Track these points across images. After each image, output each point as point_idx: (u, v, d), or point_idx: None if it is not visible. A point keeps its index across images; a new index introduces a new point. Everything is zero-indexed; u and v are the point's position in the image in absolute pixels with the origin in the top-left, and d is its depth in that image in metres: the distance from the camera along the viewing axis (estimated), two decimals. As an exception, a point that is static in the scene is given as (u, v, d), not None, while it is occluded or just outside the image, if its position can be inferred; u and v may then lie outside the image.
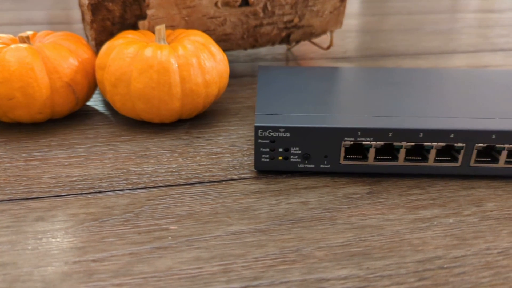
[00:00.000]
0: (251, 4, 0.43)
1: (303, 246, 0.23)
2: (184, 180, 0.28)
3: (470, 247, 0.23)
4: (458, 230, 0.24)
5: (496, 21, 0.75)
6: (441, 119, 0.28)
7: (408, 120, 0.28)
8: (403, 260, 0.22)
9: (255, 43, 0.47)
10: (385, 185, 0.28)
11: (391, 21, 0.75)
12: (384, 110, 0.29)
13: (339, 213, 0.26)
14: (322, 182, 0.28)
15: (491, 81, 0.35)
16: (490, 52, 0.57)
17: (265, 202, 0.26)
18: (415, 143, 0.28)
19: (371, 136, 0.28)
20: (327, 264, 0.22)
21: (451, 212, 0.26)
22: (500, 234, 0.24)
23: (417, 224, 0.25)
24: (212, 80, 0.34)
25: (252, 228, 0.24)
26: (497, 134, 0.27)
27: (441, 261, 0.22)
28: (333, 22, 0.49)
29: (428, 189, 0.28)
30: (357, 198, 0.27)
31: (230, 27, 0.44)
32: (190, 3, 0.40)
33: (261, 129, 0.28)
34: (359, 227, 0.24)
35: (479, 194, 0.27)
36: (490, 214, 0.26)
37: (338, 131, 0.27)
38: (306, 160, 0.29)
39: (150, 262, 0.22)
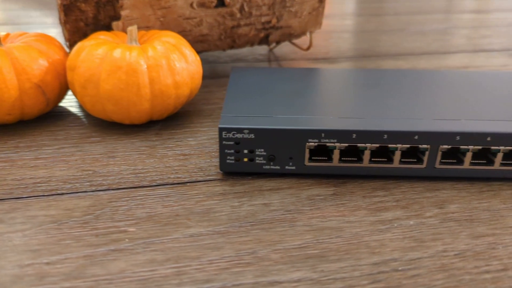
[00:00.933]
0: (227, 5, 0.43)
1: (260, 248, 0.23)
2: (148, 182, 0.28)
3: (427, 249, 0.23)
4: (417, 232, 0.24)
5: (481, 22, 0.75)
6: (406, 121, 0.28)
7: (372, 122, 0.28)
8: (358, 262, 0.22)
9: (233, 44, 0.47)
10: (350, 186, 0.28)
11: (377, 21, 0.75)
12: (351, 111, 0.29)
13: (300, 214, 0.25)
14: (287, 184, 0.28)
15: (462, 82, 0.35)
16: (471, 53, 0.57)
17: (227, 204, 0.26)
18: (379, 144, 0.28)
19: (335, 138, 0.27)
20: (282, 266, 0.22)
21: (413, 214, 0.26)
22: (459, 236, 0.24)
23: (377, 226, 0.25)
24: (183, 81, 0.34)
25: (211, 230, 0.24)
26: (461, 136, 0.27)
27: (397, 263, 0.22)
28: (312, 23, 0.49)
29: (393, 191, 0.28)
30: (320, 200, 0.27)
31: (206, 28, 0.44)
32: (165, 4, 0.40)
33: (225, 130, 0.28)
34: (319, 229, 0.24)
35: (443, 195, 0.27)
36: (451, 216, 0.26)
37: (302, 132, 0.27)
38: (271, 162, 0.28)
39: (103, 264, 0.22)
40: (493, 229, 0.25)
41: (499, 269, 0.22)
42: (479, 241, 0.24)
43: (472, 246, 0.23)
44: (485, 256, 0.23)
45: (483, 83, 0.35)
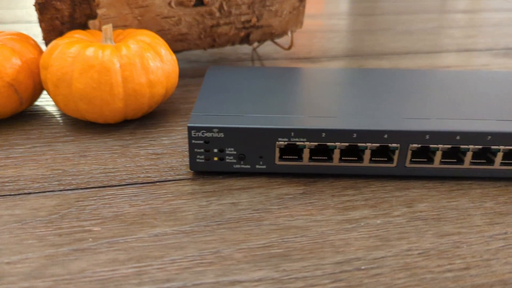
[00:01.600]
0: (206, 4, 0.43)
1: (224, 247, 0.23)
2: (117, 181, 0.28)
3: (391, 248, 0.23)
4: (383, 231, 0.24)
5: (468, 22, 0.76)
6: (377, 120, 0.28)
7: (343, 121, 0.28)
8: (321, 261, 0.22)
9: (214, 43, 0.47)
10: (320, 185, 0.28)
11: (364, 21, 0.75)
12: (322, 110, 0.29)
13: (267, 214, 0.25)
14: (257, 183, 0.28)
15: (436, 81, 0.35)
16: (454, 53, 0.57)
17: (195, 204, 0.26)
18: (349, 143, 0.28)
19: (305, 137, 0.27)
20: (244, 266, 0.22)
21: (381, 213, 0.26)
22: (424, 235, 0.24)
23: (344, 225, 0.25)
24: (157, 80, 0.34)
25: (176, 230, 0.24)
26: (431, 135, 0.27)
27: (360, 262, 0.22)
28: (293, 22, 0.49)
29: (363, 190, 0.28)
30: (289, 199, 0.27)
31: (185, 27, 0.43)
32: (142, 2, 0.40)
33: (194, 129, 0.27)
34: (285, 228, 0.24)
35: (412, 194, 0.27)
36: (419, 214, 0.26)
37: (271, 131, 0.27)
38: (242, 161, 0.28)
39: (64, 264, 0.22)
40: (459, 228, 0.24)
41: (462, 268, 0.22)
42: (444, 240, 0.24)
43: (437, 245, 0.23)
44: (448, 255, 0.22)
45: (457, 82, 0.35)
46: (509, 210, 0.26)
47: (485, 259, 0.22)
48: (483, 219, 0.25)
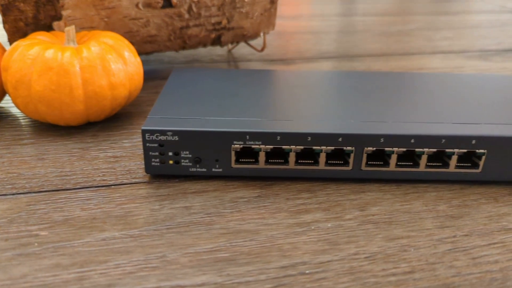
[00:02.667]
0: (175, 5, 0.42)
1: (170, 252, 0.23)
2: (72, 184, 0.28)
3: (339, 252, 0.23)
4: (333, 234, 0.24)
5: (446, 23, 0.76)
6: (332, 123, 0.28)
7: (297, 124, 0.28)
8: (266, 266, 0.22)
9: (184, 45, 0.47)
10: (276, 188, 0.28)
11: (343, 22, 0.76)
12: (280, 113, 0.29)
13: (219, 217, 0.25)
14: (213, 186, 0.28)
15: (400, 84, 0.35)
16: (429, 55, 0.57)
17: (148, 207, 0.26)
18: (304, 146, 0.28)
19: (260, 140, 0.27)
20: (188, 270, 0.22)
21: (333, 216, 0.26)
22: (374, 238, 0.24)
23: (294, 229, 0.25)
24: (119, 82, 0.34)
25: (125, 234, 0.24)
26: (385, 138, 0.27)
27: (305, 266, 0.22)
28: (265, 24, 0.49)
29: (318, 193, 0.28)
30: (243, 202, 0.27)
31: (154, 28, 0.43)
32: (109, 4, 0.40)
33: (148, 132, 0.27)
34: (235, 232, 0.24)
35: (367, 198, 0.27)
36: (371, 218, 0.26)
37: (227, 134, 0.27)
38: (198, 164, 0.28)
39: (6, 269, 0.21)
40: (409, 231, 0.25)
41: (406, 272, 0.22)
42: (392, 244, 0.24)
43: (384, 248, 0.23)
44: (395, 259, 0.23)
45: (419, 85, 0.35)
46: (461, 213, 0.26)
47: (430, 262, 0.22)
48: (434, 222, 0.25)
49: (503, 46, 0.62)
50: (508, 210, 0.26)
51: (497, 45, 0.63)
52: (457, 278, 0.21)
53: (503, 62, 0.55)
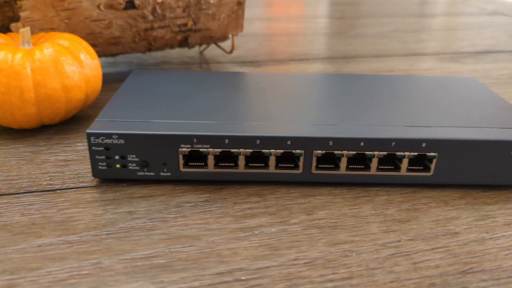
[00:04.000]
0: (138, 7, 0.42)
1: (106, 258, 0.22)
2: (16, 189, 0.27)
3: (278, 258, 0.22)
4: (276, 240, 0.24)
5: (424, 26, 0.76)
6: (282, 126, 0.28)
7: (247, 127, 0.27)
8: (202, 272, 0.21)
9: (150, 47, 0.46)
10: (226, 192, 0.28)
11: (320, 24, 0.75)
12: (231, 116, 0.29)
13: (162, 223, 0.25)
14: (161, 191, 0.28)
15: (357, 87, 0.35)
16: (402, 57, 0.57)
17: (90, 212, 0.25)
18: (252, 150, 0.27)
19: (208, 143, 0.27)
20: (121, 277, 0.21)
21: (279, 220, 0.25)
22: (316, 243, 0.24)
23: (237, 234, 0.24)
24: (74, 85, 0.33)
25: (62, 240, 0.23)
26: (334, 141, 0.27)
27: (242, 272, 0.22)
28: (233, 26, 0.49)
29: (267, 197, 0.27)
30: (189, 207, 0.26)
31: (117, 30, 0.43)
32: (68, 5, 0.39)
33: (94, 136, 0.27)
34: (175, 238, 0.24)
35: (316, 202, 0.27)
36: (317, 222, 0.25)
37: (173, 138, 0.27)
38: (145, 168, 0.28)
39: None
40: (353, 236, 0.24)
41: (344, 277, 0.21)
42: (334, 249, 0.23)
43: (325, 254, 0.23)
44: (334, 264, 0.22)
45: (377, 87, 0.35)
46: (410, 217, 0.26)
47: (370, 268, 0.22)
48: (380, 226, 0.25)
49: (476, 48, 0.62)
50: (456, 214, 0.26)
51: (471, 47, 0.63)
52: (395, 283, 0.21)
53: (474, 64, 0.55)
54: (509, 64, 0.55)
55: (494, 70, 0.53)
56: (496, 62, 0.56)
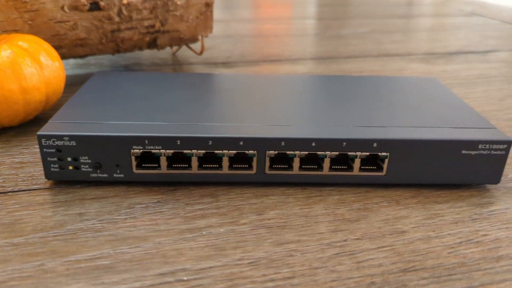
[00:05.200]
0: (103, 8, 0.42)
1: (50, 260, 0.22)
2: (-33, 191, 0.27)
3: (223, 258, 0.23)
4: (223, 240, 0.24)
5: (400, 27, 0.76)
6: (234, 126, 0.28)
7: (199, 128, 0.27)
8: (145, 273, 0.21)
9: (118, 48, 0.46)
10: (179, 194, 0.28)
11: (297, 26, 0.76)
12: (185, 116, 0.29)
13: (111, 224, 0.25)
14: (114, 192, 0.28)
15: (317, 87, 0.35)
16: (374, 57, 0.58)
17: (40, 214, 0.25)
18: (205, 150, 0.27)
19: (160, 144, 0.27)
20: (62, 279, 0.21)
21: (228, 221, 0.25)
22: (263, 243, 0.24)
23: (184, 234, 0.24)
24: (33, 86, 0.33)
25: (7, 243, 0.23)
26: (286, 142, 0.27)
27: (184, 273, 0.22)
28: (202, 27, 0.49)
29: (220, 198, 0.27)
30: (140, 208, 0.26)
31: (83, 31, 0.43)
32: (32, 6, 0.39)
33: (45, 137, 0.27)
34: (122, 239, 0.24)
35: (268, 202, 0.27)
36: (266, 222, 0.25)
37: (124, 139, 0.27)
38: (98, 170, 0.28)
39: None
40: (300, 235, 0.24)
41: (286, 277, 0.21)
42: (280, 249, 0.23)
43: (270, 253, 0.23)
44: (278, 264, 0.22)
45: (335, 87, 0.35)
46: (359, 217, 0.26)
47: (313, 267, 0.22)
48: (328, 226, 0.25)
49: (449, 49, 0.63)
50: (406, 213, 0.26)
51: (443, 48, 0.63)
52: (336, 282, 0.21)
53: (445, 65, 0.55)
54: (478, 65, 0.56)
55: (463, 70, 0.53)
56: (466, 63, 0.56)
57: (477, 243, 0.24)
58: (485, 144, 0.28)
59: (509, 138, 0.28)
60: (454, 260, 0.23)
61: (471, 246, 0.24)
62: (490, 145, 0.28)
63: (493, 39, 0.69)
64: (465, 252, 0.23)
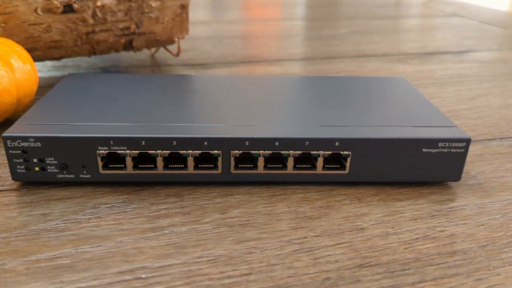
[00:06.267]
0: (77, 10, 0.42)
1: (11, 260, 0.22)
2: None
3: (183, 256, 0.23)
4: (184, 238, 0.24)
5: (380, 27, 0.77)
6: (199, 127, 0.28)
7: (164, 128, 0.28)
8: (104, 271, 0.22)
9: (94, 50, 0.46)
10: (145, 194, 0.28)
11: (279, 27, 0.76)
12: (151, 118, 0.29)
13: (74, 224, 0.25)
14: (80, 193, 0.28)
15: (286, 88, 0.35)
16: (351, 58, 0.58)
17: (4, 215, 0.26)
18: (170, 151, 0.28)
19: (125, 145, 0.27)
20: (21, 278, 0.21)
21: (191, 220, 0.26)
22: (223, 241, 0.24)
23: (147, 233, 0.25)
24: (3, 89, 0.33)
25: (-30, 243, 0.23)
26: (250, 141, 0.28)
27: (143, 271, 0.22)
28: (178, 29, 0.49)
29: (185, 197, 0.28)
30: (105, 208, 0.27)
31: (57, 34, 0.43)
32: (4, 9, 0.39)
33: (10, 139, 0.27)
34: (84, 238, 0.24)
35: (233, 201, 0.28)
36: (229, 221, 0.26)
37: (90, 140, 0.27)
38: (65, 171, 0.28)
39: None
40: (261, 233, 0.25)
41: (243, 274, 0.22)
42: (240, 246, 0.24)
43: (230, 251, 0.23)
44: (237, 261, 0.23)
45: (304, 88, 0.35)
46: (321, 214, 0.26)
47: (271, 264, 0.23)
48: (290, 224, 0.26)
49: (425, 49, 0.64)
50: (367, 210, 0.27)
51: (420, 48, 0.64)
52: (292, 278, 0.22)
53: (420, 65, 0.56)
54: (453, 65, 0.56)
55: (438, 70, 0.54)
56: (442, 63, 0.57)
57: (433, 238, 0.25)
58: (445, 142, 0.28)
59: (468, 136, 0.28)
60: (409, 255, 0.23)
61: (427, 242, 0.24)
62: (449, 143, 0.28)
63: (469, 39, 0.70)
64: (420, 248, 0.24)
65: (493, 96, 0.46)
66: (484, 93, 0.47)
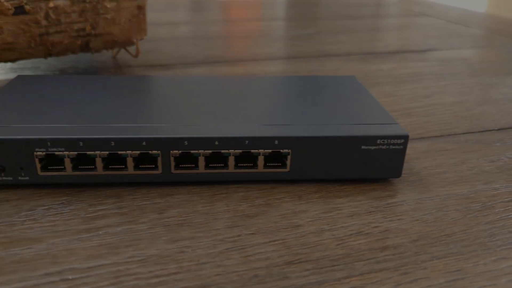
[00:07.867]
0: (28, 12, 0.42)
1: None
2: None
3: (114, 256, 0.23)
4: (117, 239, 0.24)
5: (347, 27, 0.78)
6: (138, 127, 0.28)
7: (102, 129, 0.28)
8: (31, 273, 0.22)
9: (50, 52, 0.46)
10: (85, 195, 0.28)
11: (247, 28, 0.76)
12: (94, 119, 0.29)
13: (7, 227, 0.25)
14: (18, 195, 0.28)
15: (234, 88, 0.36)
16: (312, 58, 0.59)
17: None
18: (109, 152, 0.28)
19: (63, 146, 0.27)
20: None
21: (127, 220, 0.26)
22: (156, 241, 0.24)
23: (81, 234, 0.24)
24: None
25: None
26: (189, 141, 0.28)
27: (71, 272, 0.22)
28: (136, 30, 0.49)
29: (124, 198, 0.28)
30: (42, 210, 0.26)
31: (9, 35, 0.42)
32: (-48, 11, 0.39)
33: None
34: (15, 241, 0.24)
35: (172, 201, 0.28)
36: (165, 221, 0.26)
37: (27, 142, 0.27)
38: (2, 173, 0.28)
39: None
40: (196, 232, 0.25)
41: (171, 273, 0.22)
42: (172, 246, 0.24)
43: (162, 251, 0.23)
44: (167, 261, 0.23)
45: (252, 88, 0.36)
46: (259, 212, 0.27)
47: (201, 262, 0.23)
48: (226, 222, 0.26)
49: (389, 48, 0.64)
50: (306, 207, 0.27)
51: (384, 47, 0.65)
52: (220, 276, 0.22)
53: (381, 64, 0.57)
54: (414, 63, 0.57)
55: (398, 69, 0.55)
56: (403, 61, 0.58)
57: (366, 234, 0.25)
58: (383, 139, 0.29)
59: (406, 133, 0.29)
60: (340, 251, 0.24)
61: (360, 238, 0.25)
62: (388, 140, 0.29)
63: (434, 38, 0.71)
64: (352, 244, 0.24)
65: (447, 94, 0.46)
66: (440, 91, 0.47)
